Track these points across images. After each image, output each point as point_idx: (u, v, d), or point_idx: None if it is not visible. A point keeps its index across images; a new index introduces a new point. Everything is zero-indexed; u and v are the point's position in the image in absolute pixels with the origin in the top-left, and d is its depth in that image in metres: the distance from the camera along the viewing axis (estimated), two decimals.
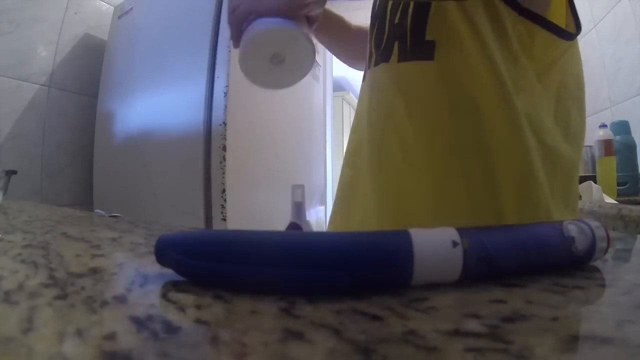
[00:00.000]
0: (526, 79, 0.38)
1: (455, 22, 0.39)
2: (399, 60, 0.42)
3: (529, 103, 0.38)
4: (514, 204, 0.37)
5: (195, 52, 0.98)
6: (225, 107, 0.91)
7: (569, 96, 0.41)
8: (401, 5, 0.43)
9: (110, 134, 1.20)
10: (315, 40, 0.45)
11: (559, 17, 0.40)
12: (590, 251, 0.19)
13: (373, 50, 0.47)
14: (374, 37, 0.48)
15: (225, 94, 0.92)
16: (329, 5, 0.50)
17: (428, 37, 0.40)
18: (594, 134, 1.05)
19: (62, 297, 0.16)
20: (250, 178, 1.01)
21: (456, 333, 0.12)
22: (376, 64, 0.46)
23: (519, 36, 0.38)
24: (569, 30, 0.40)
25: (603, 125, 1.04)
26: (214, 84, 0.94)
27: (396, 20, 0.43)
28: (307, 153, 1.38)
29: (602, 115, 1.37)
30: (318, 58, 1.50)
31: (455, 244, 0.16)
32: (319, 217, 1.50)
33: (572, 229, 0.19)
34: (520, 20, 0.38)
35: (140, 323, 0.13)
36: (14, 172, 0.63)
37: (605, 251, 0.20)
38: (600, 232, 0.19)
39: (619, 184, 1.01)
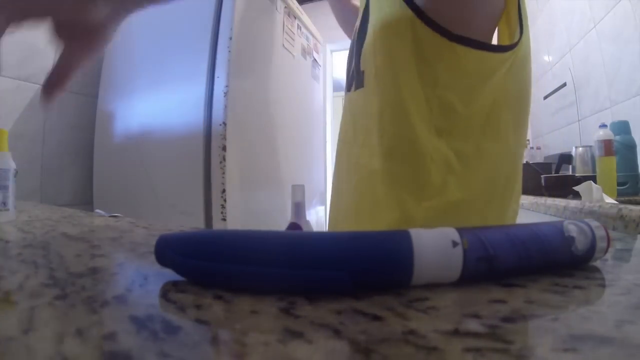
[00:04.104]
0: (444, 100, 0.41)
1: (374, 52, 0.44)
2: (355, 89, 0.49)
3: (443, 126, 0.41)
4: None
5: (195, 52, 0.98)
6: (225, 107, 0.91)
7: (505, 107, 0.43)
8: (355, 44, 0.49)
9: (110, 134, 1.19)
10: None
11: (507, 29, 0.44)
12: (590, 251, 0.19)
13: (345, 80, 0.55)
14: (345, 69, 0.55)
15: (225, 94, 0.92)
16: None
17: (362, 68, 0.46)
18: (594, 134, 1.05)
19: (62, 297, 0.16)
20: (250, 178, 1.01)
21: (456, 333, 0.12)
22: (345, 92, 0.53)
23: (440, 57, 0.40)
24: (505, 43, 0.43)
25: (603, 125, 1.04)
26: (214, 84, 0.94)
27: (353, 58, 0.50)
28: (307, 153, 1.38)
29: (602, 115, 1.37)
30: (318, 58, 1.50)
31: (455, 244, 0.16)
32: (319, 217, 1.50)
33: (572, 229, 0.19)
34: (441, 40, 0.40)
35: (140, 323, 0.13)
36: (15, 172, 0.63)
37: (605, 251, 0.20)
38: (600, 232, 0.19)
39: (619, 184, 1.01)
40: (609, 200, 0.80)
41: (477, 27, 0.42)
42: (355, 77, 0.48)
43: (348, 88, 0.52)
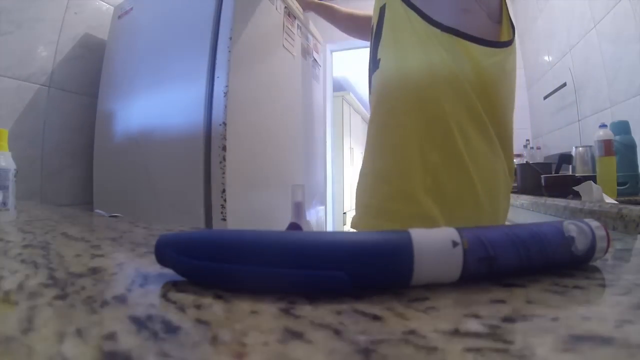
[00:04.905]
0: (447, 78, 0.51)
1: (389, 45, 0.57)
2: (373, 71, 0.62)
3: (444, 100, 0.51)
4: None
5: (195, 52, 0.98)
6: (225, 107, 0.91)
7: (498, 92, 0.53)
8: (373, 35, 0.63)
9: (110, 134, 1.19)
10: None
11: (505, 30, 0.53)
12: (590, 251, 0.19)
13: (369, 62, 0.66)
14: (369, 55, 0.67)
15: (225, 94, 0.92)
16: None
17: (378, 57, 0.59)
18: (594, 134, 1.05)
19: (62, 297, 0.16)
20: (250, 178, 1.01)
21: (456, 333, 0.12)
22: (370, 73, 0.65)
23: (446, 48, 0.50)
24: (502, 40, 0.52)
25: (603, 125, 1.04)
26: (214, 84, 0.94)
27: (372, 47, 0.64)
28: (307, 153, 1.38)
29: (602, 115, 1.37)
30: (318, 58, 1.50)
31: (455, 244, 0.16)
32: (319, 217, 1.49)
33: (572, 229, 0.19)
34: (444, 35, 0.50)
35: (140, 323, 0.13)
36: (15, 172, 0.63)
37: (605, 251, 0.20)
38: (600, 232, 0.19)
39: (619, 184, 1.01)
40: (609, 200, 0.80)
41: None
42: (374, 64, 0.61)
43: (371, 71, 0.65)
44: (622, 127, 1.10)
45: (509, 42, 0.52)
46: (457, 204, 0.49)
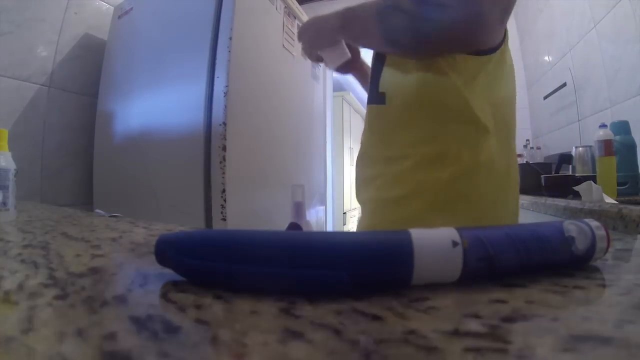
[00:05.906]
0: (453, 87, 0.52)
1: (396, 79, 0.56)
2: (369, 103, 0.61)
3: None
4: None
5: (195, 52, 0.98)
6: (225, 107, 0.91)
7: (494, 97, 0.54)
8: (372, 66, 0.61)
9: (110, 134, 1.19)
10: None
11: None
12: (590, 251, 0.19)
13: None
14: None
15: (225, 94, 0.92)
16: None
17: (381, 90, 0.58)
18: (594, 134, 1.05)
19: (62, 297, 0.16)
20: (250, 178, 1.01)
21: (456, 333, 0.12)
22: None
23: (448, 62, 0.51)
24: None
25: (603, 125, 1.04)
26: (214, 84, 0.94)
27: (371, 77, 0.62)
28: (307, 153, 1.38)
29: (602, 115, 1.37)
30: None
31: (455, 244, 0.16)
32: (319, 217, 1.49)
33: (572, 229, 0.19)
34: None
35: (140, 323, 0.13)
36: (15, 172, 0.62)
37: (605, 251, 0.20)
38: (600, 232, 0.19)
39: (619, 184, 1.01)
40: (609, 200, 0.80)
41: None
42: (372, 98, 0.60)
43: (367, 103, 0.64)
44: (622, 127, 1.10)
45: (502, 42, 0.54)
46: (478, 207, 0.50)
